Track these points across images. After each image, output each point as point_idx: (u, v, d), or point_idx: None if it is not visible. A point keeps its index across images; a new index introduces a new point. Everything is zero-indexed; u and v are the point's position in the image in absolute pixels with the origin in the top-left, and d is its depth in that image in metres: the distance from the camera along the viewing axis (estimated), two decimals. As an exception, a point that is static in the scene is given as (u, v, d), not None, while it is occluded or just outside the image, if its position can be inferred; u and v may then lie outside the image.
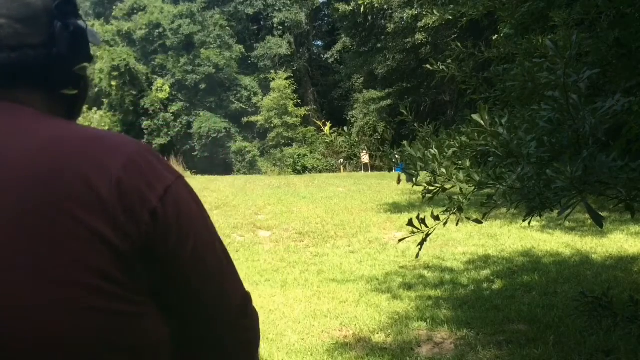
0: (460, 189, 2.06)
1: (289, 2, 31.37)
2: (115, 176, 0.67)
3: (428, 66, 2.88)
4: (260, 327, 0.88)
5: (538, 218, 2.34)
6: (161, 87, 28.14)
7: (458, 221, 2.35)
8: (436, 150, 1.98)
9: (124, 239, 0.66)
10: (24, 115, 0.72)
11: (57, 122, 0.74)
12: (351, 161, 25.49)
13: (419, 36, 20.84)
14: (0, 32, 0.73)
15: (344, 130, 2.51)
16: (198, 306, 0.76)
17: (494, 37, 4.87)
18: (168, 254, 0.70)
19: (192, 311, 0.76)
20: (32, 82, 0.76)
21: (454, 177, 1.95)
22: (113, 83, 26.18)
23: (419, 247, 2.28)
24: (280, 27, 31.49)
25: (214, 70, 28.12)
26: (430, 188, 2.07)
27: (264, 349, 3.74)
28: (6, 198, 0.64)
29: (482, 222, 2.15)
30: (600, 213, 1.64)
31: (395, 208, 10.75)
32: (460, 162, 1.98)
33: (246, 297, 0.84)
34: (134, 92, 27.43)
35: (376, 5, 19.75)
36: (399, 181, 2.20)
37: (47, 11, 0.77)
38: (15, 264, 0.63)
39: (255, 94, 29.82)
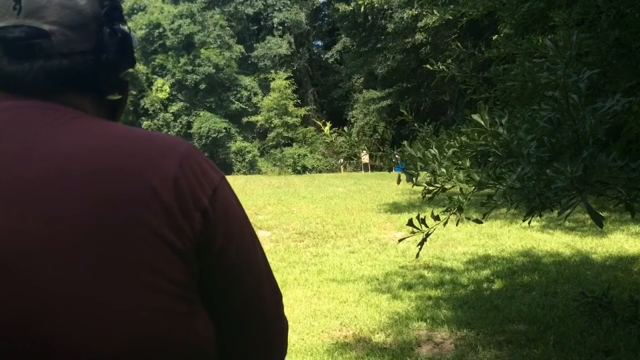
0: (460, 189, 2.06)
1: (289, 2, 31.37)
2: (171, 176, 0.68)
3: (428, 66, 2.88)
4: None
5: (538, 218, 2.34)
6: (161, 87, 28.15)
7: (458, 221, 2.35)
8: (436, 150, 1.98)
9: (182, 239, 0.67)
10: (78, 117, 0.73)
11: (108, 124, 0.75)
12: (351, 161, 25.51)
13: (419, 36, 20.84)
14: (52, 39, 0.73)
15: (344, 130, 2.50)
16: (236, 304, 0.77)
17: (494, 37, 4.86)
18: (216, 253, 0.72)
19: (230, 309, 0.76)
20: (82, 88, 0.77)
21: (454, 177, 1.95)
22: (113, 83, 26.15)
23: (419, 247, 2.28)
24: (280, 27, 31.50)
25: (214, 70, 28.12)
26: (430, 188, 2.07)
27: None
28: (71, 196, 0.64)
29: (482, 222, 2.15)
30: (600, 213, 1.64)
31: (395, 208, 10.75)
32: (460, 162, 1.98)
33: (280, 299, 0.84)
34: (134, 92, 27.43)
35: (376, 5, 19.77)
36: (399, 181, 2.20)
37: (96, 18, 0.78)
38: (80, 261, 0.63)
39: (255, 94, 29.82)
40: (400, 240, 2.31)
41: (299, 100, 29.02)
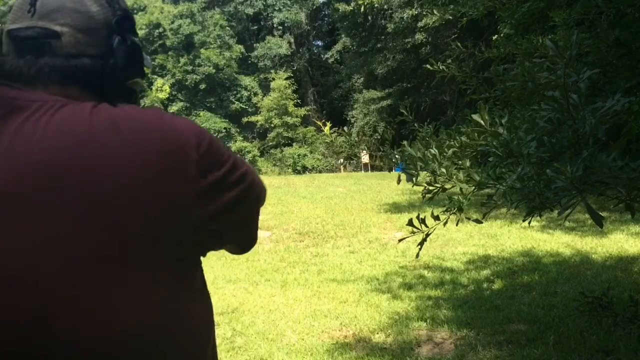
0: (460, 189, 2.06)
1: (289, 2, 31.35)
2: (194, 157, 0.77)
3: (428, 66, 2.88)
4: (260, 327, 0.92)
5: (538, 218, 2.34)
6: (161, 87, 28.13)
7: (458, 221, 2.35)
8: (436, 150, 1.98)
9: (208, 208, 0.78)
10: (68, 104, 0.77)
11: (122, 108, 0.80)
12: (351, 161, 25.51)
13: (419, 36, 20.83)
14: (62, 39, 0.79)
15: (344, 130, 2.51)
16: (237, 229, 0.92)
17: (494, 37, 4.87)
18: (226, 207, 0.83)
19: (232, 233, 0.90)
20: (89, 89, 0.82)
21: (454, 177, 1.95)
22: (113, 83, 26.15)
23: (419, 247, 2.28)
24: (280, 27, 31.48)
25: (214, 70, 28.10)
26: (430, 188, 2.07)
27: (264, 348, 3.74)
28: (116, 178, 0.71)
29: (482, 222, 2.15)
30: (600, 213, 1.64)
31: (395, 208, 10.75)
32: (460, 162, 1.98)
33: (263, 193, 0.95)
34: (134, 92, 27.39)
35: (376, 5, 19.75)
36: (399, 181, 2.20)
37: (108, 25, 0.83)
38: (128, 238, 0.72)
39: (255, 94, 29.81)
40: (400, 240, 2.31)
41: (299, 100, 29.02)
